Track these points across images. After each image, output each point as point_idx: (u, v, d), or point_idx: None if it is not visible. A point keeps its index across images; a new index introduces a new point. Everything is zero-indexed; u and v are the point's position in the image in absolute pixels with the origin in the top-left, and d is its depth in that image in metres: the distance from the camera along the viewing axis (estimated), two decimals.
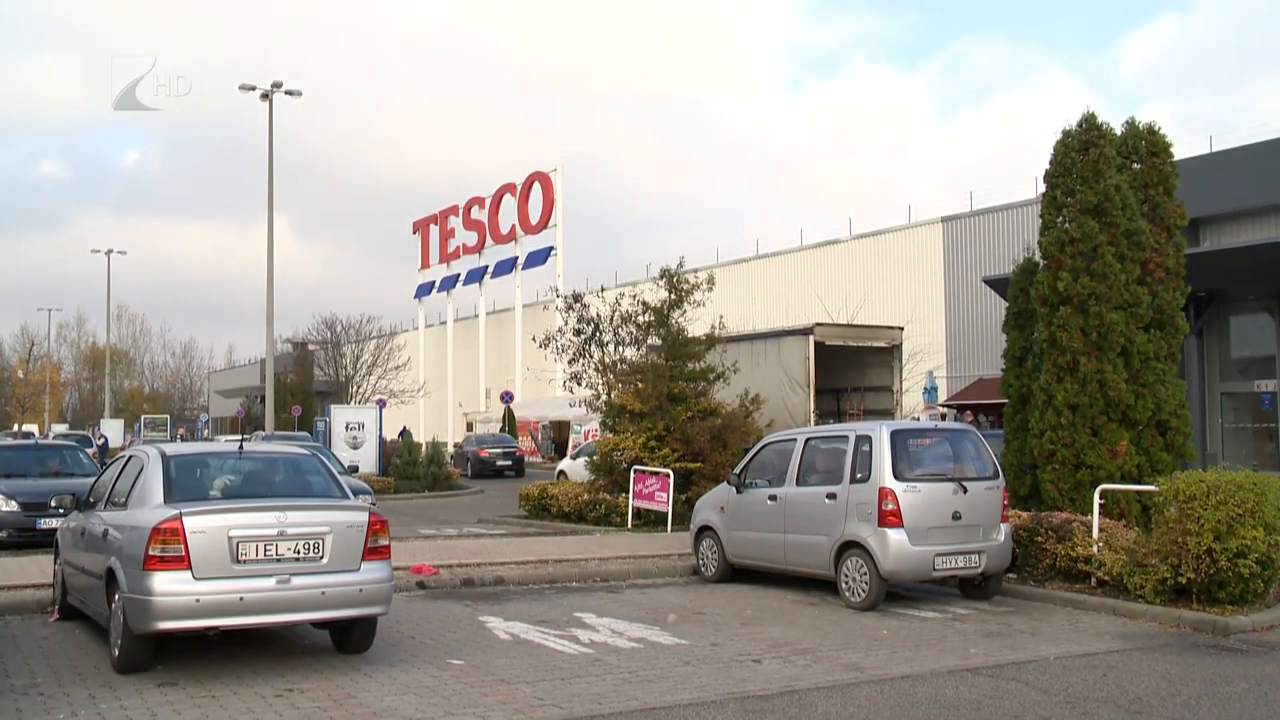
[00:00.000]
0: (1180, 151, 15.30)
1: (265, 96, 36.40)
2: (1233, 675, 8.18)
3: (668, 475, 17.29)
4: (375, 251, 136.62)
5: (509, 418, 48.93)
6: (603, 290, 24.27)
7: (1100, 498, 11.69)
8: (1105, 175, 13.03)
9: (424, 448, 32.41)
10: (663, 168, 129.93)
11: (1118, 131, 13.80)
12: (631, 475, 18.00)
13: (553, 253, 58.45)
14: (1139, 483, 12.29)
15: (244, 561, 7.81)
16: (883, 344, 21.48)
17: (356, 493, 12.47)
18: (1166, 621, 10.10)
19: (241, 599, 7.74)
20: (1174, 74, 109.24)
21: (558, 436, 50.17)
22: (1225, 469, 10.86)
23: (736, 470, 13.15)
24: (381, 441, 33.45)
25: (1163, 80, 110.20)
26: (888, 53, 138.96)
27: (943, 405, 37.55)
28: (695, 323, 19.72)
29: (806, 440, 12.30)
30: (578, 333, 21.81)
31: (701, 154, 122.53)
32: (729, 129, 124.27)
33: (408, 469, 30.48)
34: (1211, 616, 9.93)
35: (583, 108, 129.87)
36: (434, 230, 69.77)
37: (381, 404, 42.90)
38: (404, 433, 48.91)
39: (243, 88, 36.51)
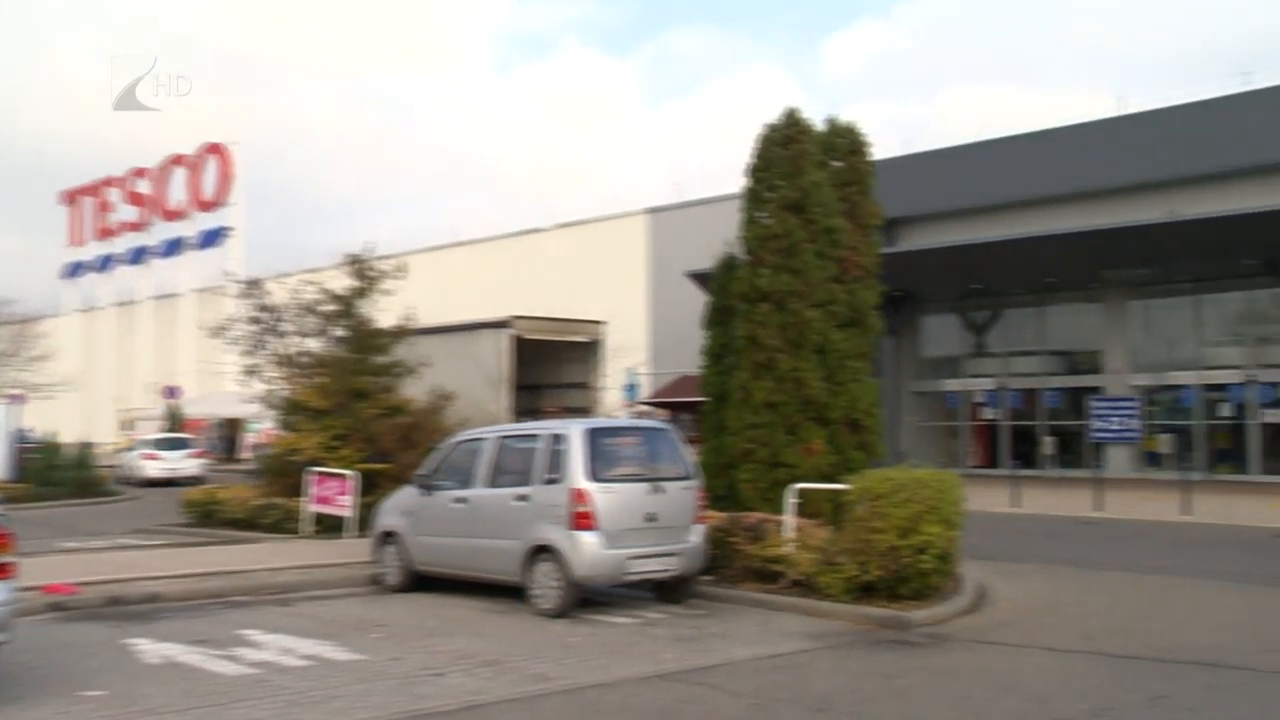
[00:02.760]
0: (879, 152, 16.40)
1: None
2: (909, 668, 8.81)
3: (350, 477, 16.81)
4: (19, 226, 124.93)
5: (174, 415, 46.13)
6: (285, 276, 23.37)
7: (795, 497, 12.24)
8: (806, 171, 13.70)
9: (74, 449, 30.04)
10: (359, 148, 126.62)
11: (820, 128, 14.56)
12: (310, 477, 17.37)
13: (229, 233, 55.63)
14: (833, 481, 12.99)
15: None
16: (583, 339, 21.78)
17: None
18: (854, 619, 10.70)
19: None
20: (876, 76, 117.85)
21: (230, 434, 47.89)
22: (912, 466, 11.69)
23: (424, 471, 12.95)
24: (19, 441, 30.61)
25: (866, 81, 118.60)
26: (601, 38, 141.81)
27: (644, 403, 38.64)
28: (385, 313, 19.29)
29: (498, 439, 12.28)
30: (255, 321, 20.77)
31: (402, 134, 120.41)
32: (432, 109, 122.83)
33: (49, 473, 28.21)
34: (895, 612, 10.62)
35: (269, 80, 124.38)
36: (88, 203, 64.67)
37: (16, 399, 39.21)
38: (27, 433, 44.67)
39: None
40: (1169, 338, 33.87)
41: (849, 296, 13.87)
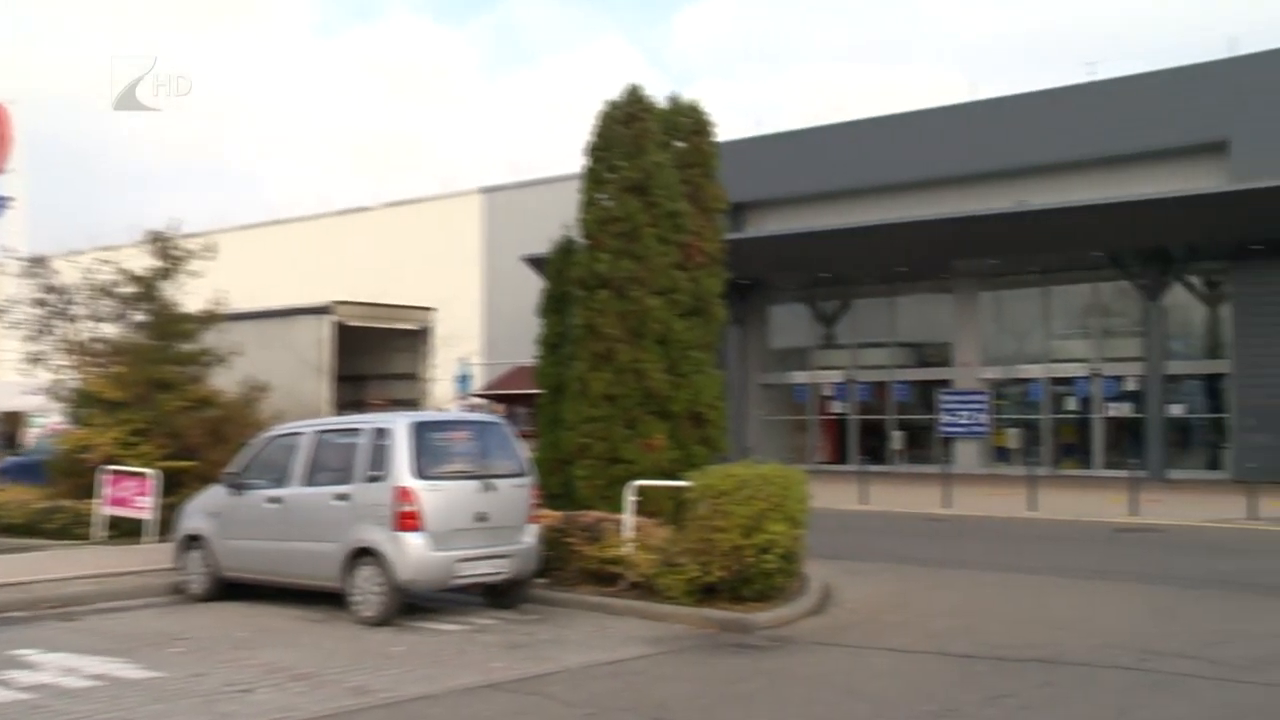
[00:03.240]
0: (726, 133, 16.64)
1: None
2: (751, 673, 9.00)
3: (151, 476, 16.24)
4: None
5: None
6: (77, 254, 22.45)
7: (635, 494, 12.33)
8: (649, 152, 13.77)
9: None
10: (167, 114, 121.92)
11: (663, 107, 14.68)
12: (104, 477, 16.70)
13: (9, 203, 52.85)
14: (675, 478, 13.13)
15: None
16: (412, 326, 21.50)
17: None
18: (695, 622, 10.86)
19: None
20: (726, 54, 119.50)
21: (9, 429, 45.66)
22: (756, 462, 11.92)
23: (234, 469, 12.64)
24: None
25: (715, 59, 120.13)
26: (433, 4, 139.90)
27: (476, 395, 38.42)
28: (192, 297, 18.67)
29: (317, 434, 12.08)
30: (40, 304, 19.82)
31: (214, 101, 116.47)
32: (249, 74, 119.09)
33: None
34: (737, 614, 10.81)
35: (59, 34, 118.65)
36: None
37: None
38: None
39: None
40: (1018, 330, 35.43)
41: (692, 284, 13.99)
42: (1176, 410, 31.30)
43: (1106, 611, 11.51)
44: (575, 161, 14.71)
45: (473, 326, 40.20)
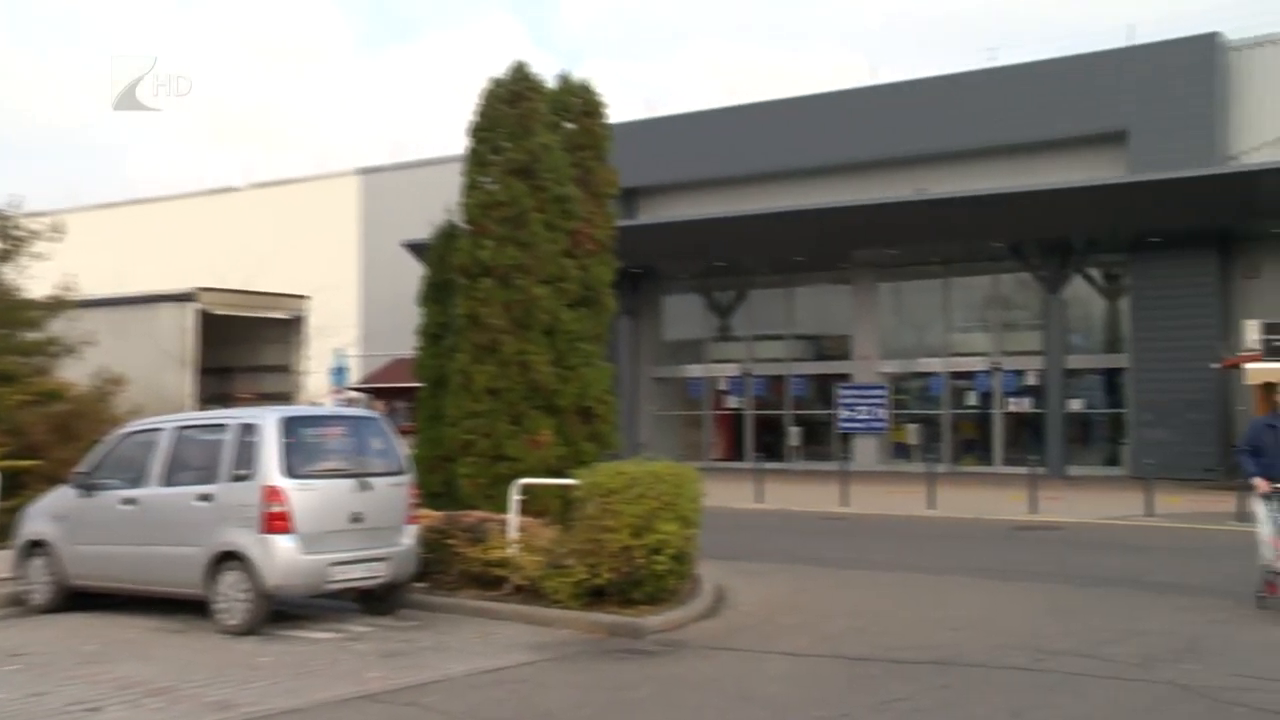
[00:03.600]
0: (617, 115, 16.63)
1: None
2: (641, 679, 9.06)
3: None
4: None
5: None
6: None
7: (520, 493, 12.32)
8: (536, 133, 13.72)
9: None
10: (8, 81, 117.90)
11: (551, 86, 14.63)
12: None
13: None
14: (562, 476, 13.13)
15: None
16: (283, 315, 21.18)
17: None
18: (583, 627, 10.88)
19: None
20: (617, 31, 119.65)
21: None
22: (648, 459, 11.97)
23: (84, 468, 12.30)
24: None
25: (606, 37, 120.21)
26: None
27: (353, 389, 37.93)
28: (37, 281, 18.13)
29: (177, 430, 11.84)
30: None
31: (59, 67, 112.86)
32: (102, 30, 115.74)
33: None
34: (627, 618, 10.87)
35: None
36: None
37: None
38: None
39: None
40: (918, 322, 36.14)
41: (582, 272, 13.97)
42: (1076, 405, 32.22)
43: (1004, 611, 11.81)
44: (458, 143, 14.60)
45: (349, 316, 39.70)
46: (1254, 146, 29.98)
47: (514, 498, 12.28)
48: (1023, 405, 33.39)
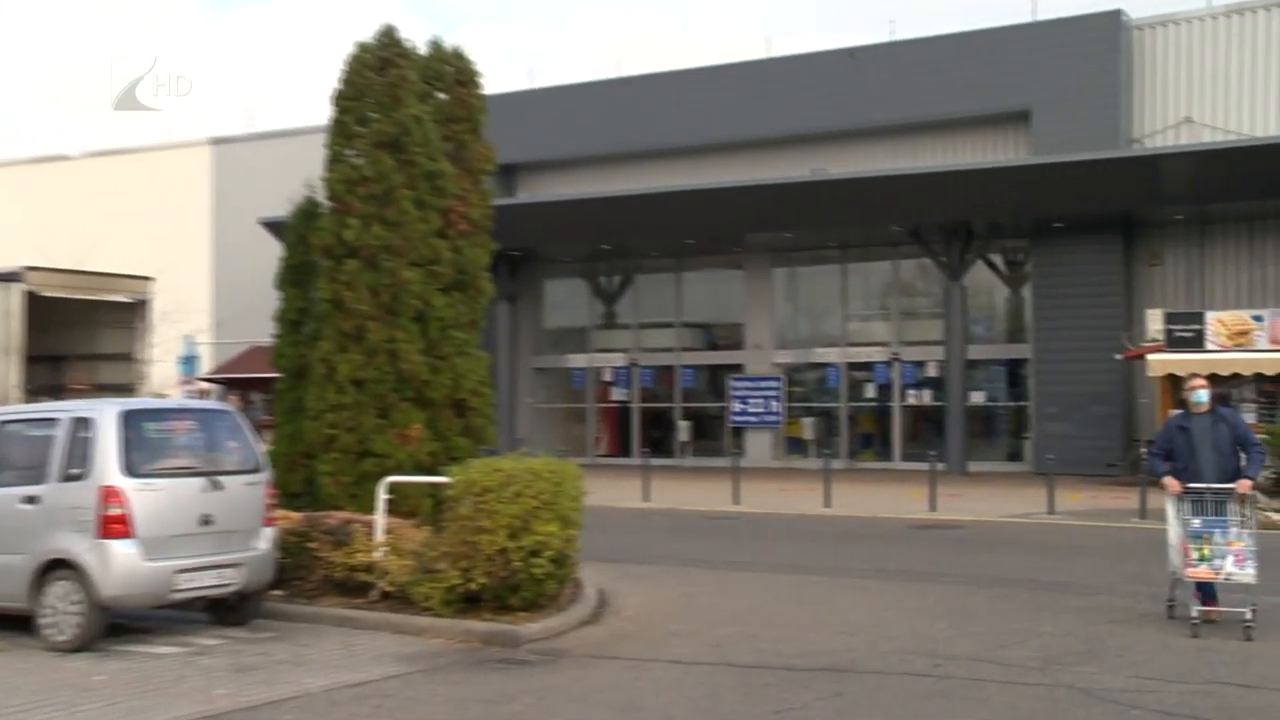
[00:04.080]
0: (495, 85, 16.55)
1: None
2: (517, 691, 9.04)
3: None
4: None
5: None
6: None
7: (387, 492, 12.24)
8: (406, 103, 13.60)
9: None
10: None
11: (423, 52, 14.51)
12: None
13: None
14: (434, 473, 13.06)
15: None
16: (124, 298, 20.63)
17: None
18: (456, 636, 10.85)
19: None
20: None
21: None
22: (526, 455, 11.95)
23: None
24: None
25: (481, 1, 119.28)
26: None
27: (205, 379, 37.26)
28: None
29: (0, 424, 11.47)
30: None
31: None
32: None
33: None
34: (503, 626, 10.86)
35: None
36: None
37: None
38: None
39: None
40: (814, 310, 36.62)
41: (455, 254, 13.93)
42: (978, 398, 32.95)
43: (901, 614, 12.03)
44: (321, 112, 14.43)
45: (200, 299, 39.00)
46: (1158, 130, 30.96)
47: (381, 497, 12.17)
48: (923, 398, 34.04)
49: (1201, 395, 11.51)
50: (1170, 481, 11.33)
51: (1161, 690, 8.82)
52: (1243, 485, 11.04)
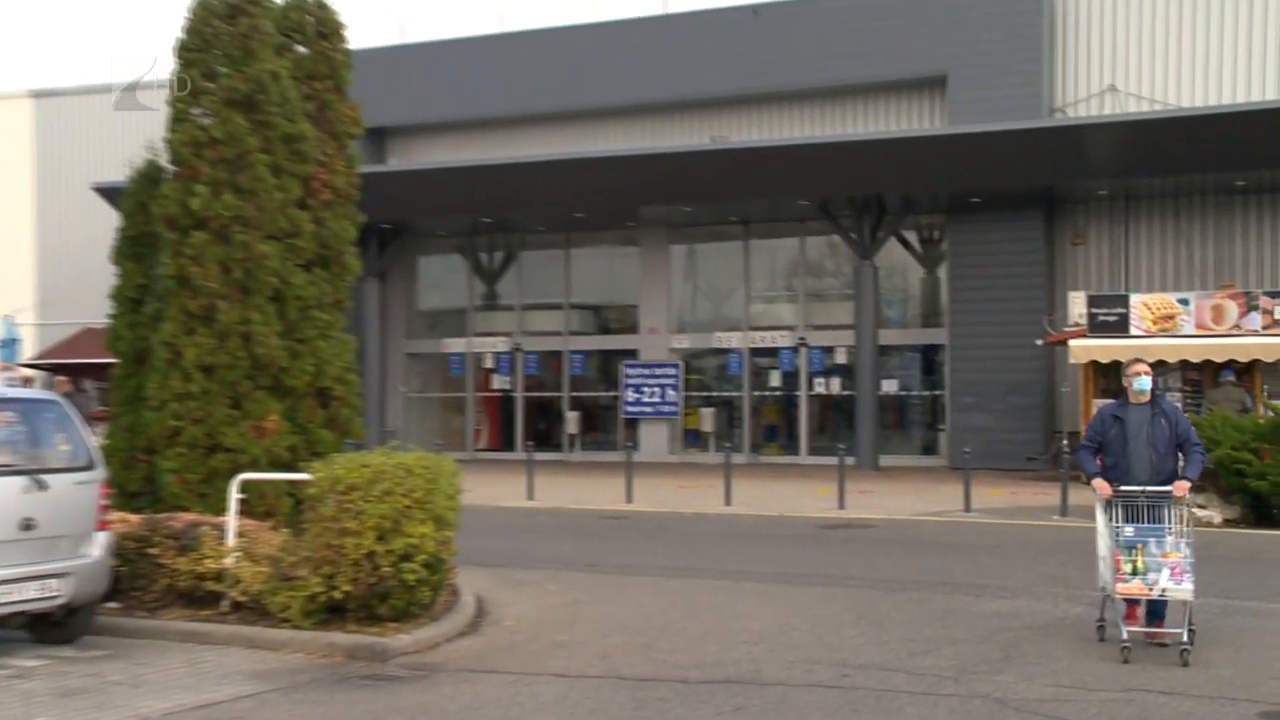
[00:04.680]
0: (362, 39, 16.38)
1: None
2: (385, 710, 8.96)
3: None
4: None
5: None
6: None
7: (240, 491, 12.10)
8: (260, 57, 13.40)
9: None
10: None
11: (279, 1, 14.32)
12: None
13: None
14: (293, 470, 12.92)
15: None
16: None
17: None
18: (317, 650, 10.75)
19: None
20: None
21: None
22: (396, 449, 11.86)
23: None
24: None
25: None
26: None
27: (28, 364, 36.43)
28: None
29: None
30: None
31: None
32: None
33: None
34: (370, 638, 10.78)
35: None
36: None
37: None
38: None
39: None
40: (715, 292, 36.78)
41: (317, 227, 13.83)
42: (890, 387, 33.35)
43: (807, 621, 12.13)
44: (163, 64, 14.15)
45: (22, 275, 38.24)
46: (1081, 98, 31.55)
47: (233, 496, 12.03)
48: (831, 387, 34.35)
49: (1144, 383, 11.14)
50: (1101, 484, 10.96)
51: (1081, 699, 9.00)
52: (1179, 487, 10.74)
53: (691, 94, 34.36)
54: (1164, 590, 10.59)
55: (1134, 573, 10.65)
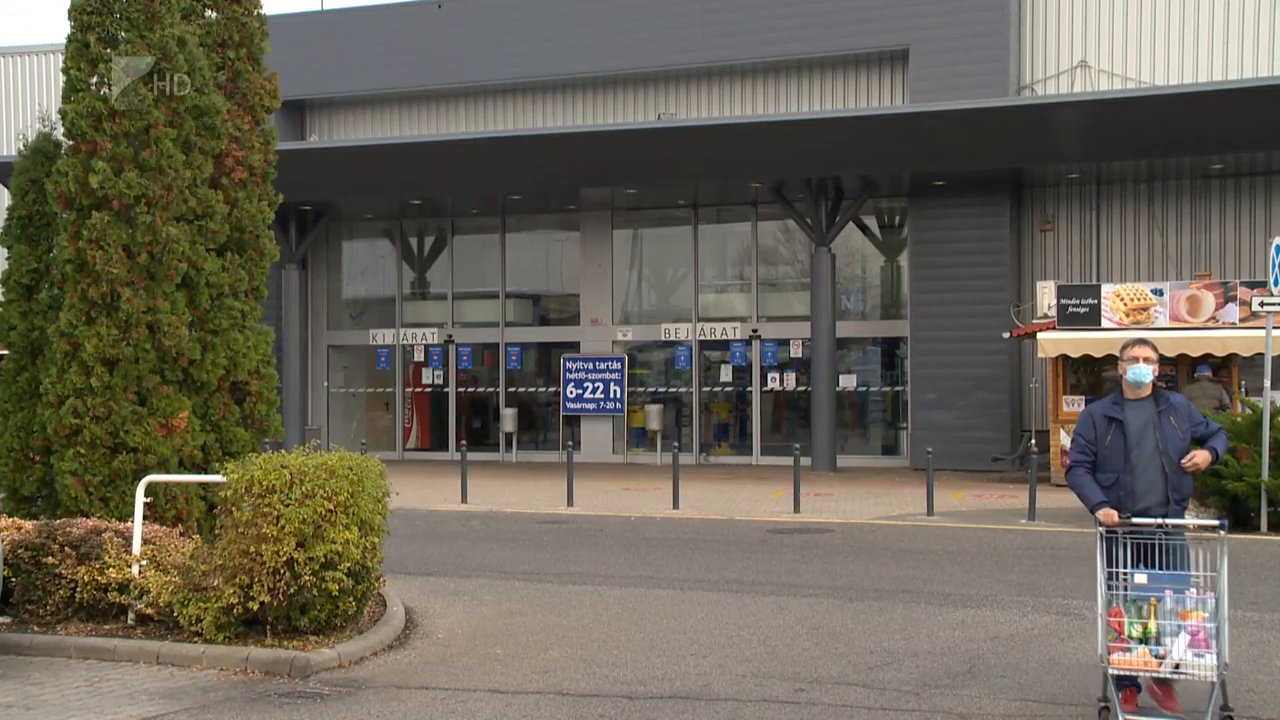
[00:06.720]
0: (279, 4, 16.22)
1: None
2: None
3: None
4: None
5: None
6: None
7: (147, 494, 12.04)
8: (165, 21, 13.28)
9: None
10: None
11: None
12: None
13: None
14: (205, 471, 12.80)
15: None
16: None
17: None
18: (232, 666, 10.71)
19: None
20: None
21: None
22: (318, 449, 11.77)
23: None
24: None
25: None
26: None
27: None
28: None
29: None
30: None
31: None
32: None
33: None
34: (290, 652, 10.75)
35: None
36: None
37: None
38: None
39: None
40: (662, 281, 36.75)
41: (231, 208, 13.77)
42: (849, 383, 33.43)
43: (760, 632, 12.15)
44: (58, 28, 13.97)
45: None
46: (1050, 75, 31.73)
47: (139, 500, 11.97)
48: (786, 382, 34.39)
49: (1141, 373, 9.17)
50: (1107, 512, 8.86)
51: (1049, 714, 9.06)
52: (1199, 455, 9.00)
53: (636, 67, 34.28)
54: (1178, 665, 8.30)
55: (1144, 638, 8.41)
